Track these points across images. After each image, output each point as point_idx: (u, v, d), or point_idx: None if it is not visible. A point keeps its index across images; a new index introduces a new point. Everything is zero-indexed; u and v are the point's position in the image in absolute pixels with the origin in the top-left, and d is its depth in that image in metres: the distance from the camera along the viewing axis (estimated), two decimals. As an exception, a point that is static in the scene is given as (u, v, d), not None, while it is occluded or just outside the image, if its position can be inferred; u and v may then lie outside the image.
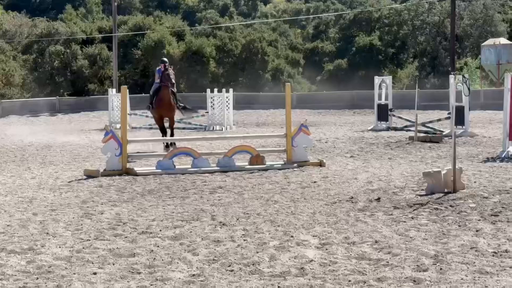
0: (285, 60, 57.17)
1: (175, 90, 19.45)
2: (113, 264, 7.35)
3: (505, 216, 9.45)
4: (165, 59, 20.59)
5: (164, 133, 19.77)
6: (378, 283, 6.53)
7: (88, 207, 10.87)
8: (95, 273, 6.99)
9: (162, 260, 7.51)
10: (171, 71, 19.14)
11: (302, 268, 7.09)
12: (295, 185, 12.86)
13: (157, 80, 19.24)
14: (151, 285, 6.59)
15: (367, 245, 8.02)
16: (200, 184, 13.28)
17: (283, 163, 15.71)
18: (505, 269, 6.85)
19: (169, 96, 18.87)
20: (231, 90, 30.96)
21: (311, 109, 40.01)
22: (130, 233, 8.91)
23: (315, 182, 13.20)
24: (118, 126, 25.96)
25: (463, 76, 14.12)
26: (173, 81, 19.01)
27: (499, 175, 13.50)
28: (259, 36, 56.14)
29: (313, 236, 8.55)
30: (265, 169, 15.02)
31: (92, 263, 7.41)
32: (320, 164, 15.54)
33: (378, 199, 11.01)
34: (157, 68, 19.59)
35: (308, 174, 14.33)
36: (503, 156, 16.49)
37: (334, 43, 63.54)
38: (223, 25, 59.17)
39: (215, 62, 54.34)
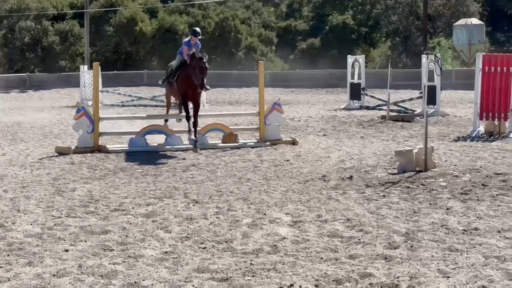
0: (258, 38, 56.94)
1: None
2: (85, 241, 7.32)
3: (475, 195, 9.57)
4: (198, 29, 15.84)
5: (187, 112, 15.28)
6: (350, 260, 6.58)
7: (59, 184, 10.80)
8: (66, 250, 6.96)
9: (135, 237, 7.49)
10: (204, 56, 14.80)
11: (274, 245, 7.12)
12: (268, 163, 12.88)
13: (185, 56, 15.07)
14: (124, 262, 6.57)
15: (339, 223, 8.07)
16: (173, 161, 13.25)
17: (256, 141, 15.73)
18: (474, 247, 6.94)
19: (195, 81, 14.67)
20: (204, 67, 30.76)
21: (284, 88, 40.01)
22: (102, 210, 8.87)
23: (288, 160, 13.24)
24: (90, 103, 25.75)
25: (435, 56, 14.18)
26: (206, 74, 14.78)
27: (470, 154, 13.65)
28: (232, 14, 55.85)
29: (286, 214, 8.59)
30: (238, 147, 15.02)
31: (64, 240, 7.37)
32: (293, 142, 15.58)
33: (350, 178, 11.07)
34: (186, 40, 15.50)
35: (281, 152, 14.36)
36: (473, 135, 16.67)
37: (307, 21, 63.37)
38: (196, 2, 58.73)
39: (188, 39, 54.02)
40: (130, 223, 8.13)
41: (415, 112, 22.82)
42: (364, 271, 6.18)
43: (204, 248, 7.07)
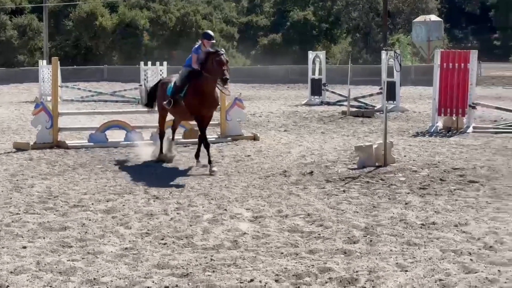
0: (220, 33, 56.90)
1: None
2: (44, 238, 7.24)
3: (433, 189, 9.69)
4: (210, 32, 12.46)
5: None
6: (310, 255, 6.62)
7: (17, 180, 10.65)
8: (24, 247, 6.87)
9: (94, 233, 7.43)
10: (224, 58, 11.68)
11: (235, 241, 7.13)
12: (229, 159, 12.88)
13: (194, 64, 12.01)
14: (83, 258, 6.52)
15: (300, 218, 8.11)
16: (133, 157, 13.17)
17: (217, 136, 15.70)
18: (432, 241, 7.04)
19: (214, 88, 11.97)
20: (165, 63, 30.57)
21: (245, 83, 40.00)
22: (61, 206, 8.78)
23: (248, 156, 13.25)
24: (49, 98, 25.44)
25: (395, 52, 14.32)
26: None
27: (428, 149, 13.82)
28: (194, 9, 55.71)
29: (246, 209, 8.60)
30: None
31: (22, 237, 7.28)
32: (254, 138, 15.60)
33: (311, 173, 11.13)
34: (196, 46, 12.19)
35: (242, 148, 14.37)
36: (432, 131, 16.87)
37: (268, 17, 63.54)
38: (157, -3, 58.37)
39: (149, 35, 53.74)
40: (90, 219, 8.07)
41: (375, 108, 23.00)
42: (324, 266, 6.23)
43: (165, 244, 7.05)
